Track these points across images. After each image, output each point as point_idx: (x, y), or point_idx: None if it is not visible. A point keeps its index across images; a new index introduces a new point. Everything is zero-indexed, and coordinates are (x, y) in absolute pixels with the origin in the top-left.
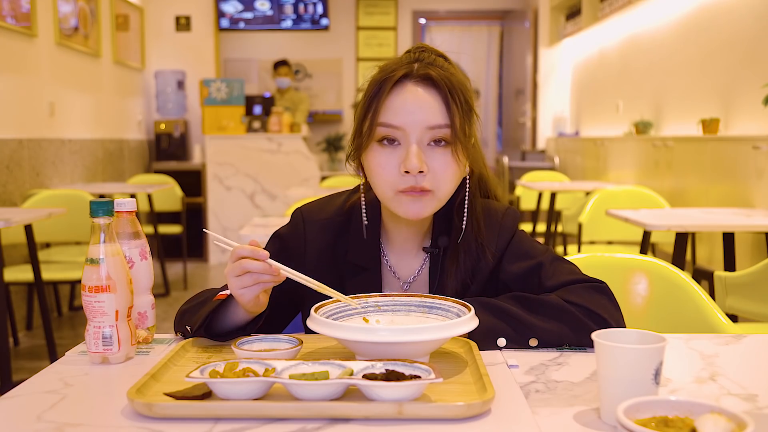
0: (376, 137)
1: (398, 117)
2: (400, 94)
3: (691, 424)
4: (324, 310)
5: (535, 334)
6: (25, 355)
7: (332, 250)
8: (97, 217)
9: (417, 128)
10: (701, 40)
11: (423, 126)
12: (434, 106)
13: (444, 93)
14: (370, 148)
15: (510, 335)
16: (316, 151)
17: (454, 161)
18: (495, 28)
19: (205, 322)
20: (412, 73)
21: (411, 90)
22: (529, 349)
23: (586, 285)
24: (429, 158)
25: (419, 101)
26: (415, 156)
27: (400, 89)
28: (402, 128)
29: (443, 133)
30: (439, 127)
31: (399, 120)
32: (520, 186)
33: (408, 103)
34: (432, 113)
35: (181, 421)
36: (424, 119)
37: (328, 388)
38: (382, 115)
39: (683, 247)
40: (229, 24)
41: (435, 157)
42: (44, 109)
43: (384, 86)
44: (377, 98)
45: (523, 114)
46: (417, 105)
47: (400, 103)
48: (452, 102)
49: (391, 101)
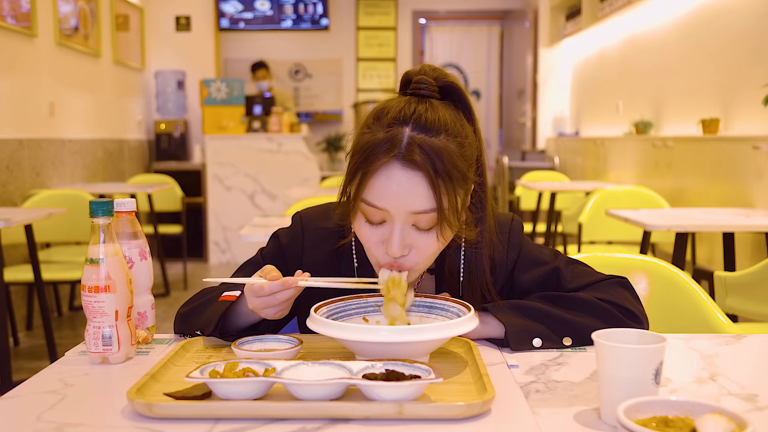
0: (361, 210)
1: (383, 200)
2: (384, 176)
3: (692, 424)
4: (324, 310)
5: (570, 331)
6: (25, 355)
7: (329, 260)
8: (97, 217)
9: (401, 213)
10: (701, 40)
11: (407, 211)
12: (419, 192)
13: (429, 175)
14: (357, 217)
15: (545, 334)
16: (316, 151)
17: (439, 241)
18: (495, 28)
19: (218, 325)
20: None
21: (395, 174)
22: (529, 349)
23: (608, 282)
24: (413, 239)
25: (403, 188)
26: (398, 242)
27: (386, 170)
28: (386, 210)
29: (429, 218)
30: (424, 212)
31: (383, 203)
32: (520, 186)
33: (392, 189)
34: (416, 199)
35: (181, 421)
36: (410, 204)
37: (328, 388)
38: (366, 193)
39: (683, 247)
40: (229, 24)
41: (418, 239)
42: (44, 109)
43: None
44: (363, 171)
45: (523, 114)
46: (402, 189)
47: (383, 187)
48: (439, 183)
49: (375, 182)
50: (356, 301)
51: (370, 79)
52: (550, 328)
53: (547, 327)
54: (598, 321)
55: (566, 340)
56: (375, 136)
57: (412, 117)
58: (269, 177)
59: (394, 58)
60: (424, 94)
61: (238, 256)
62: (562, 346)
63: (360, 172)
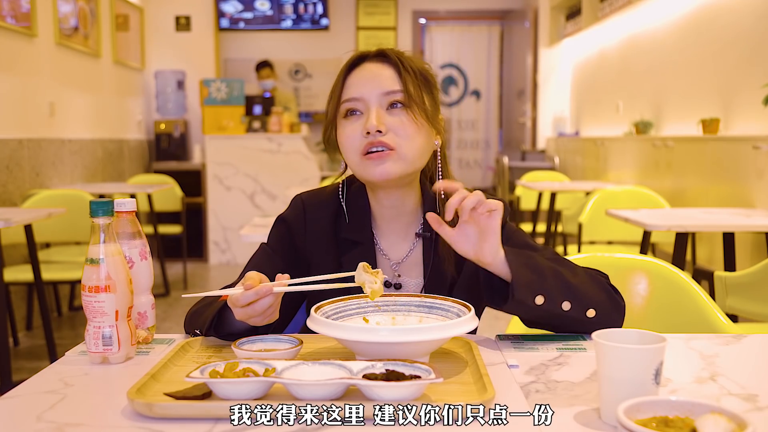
0: (342, 114)
1: (357, 90)
2: (357, 72)
3: (692, 424)
4: (324, 310)
5: (570, 294)
6: (25, 355)
7: (330, 227)
8: (97, 217)
9: (374, 96)
10: (701, 40)
11: (378, 93)
12: (388, 76)
13: (396, 64)
14: (339, 126)
15: (549, 293)
16: (315, 151)
17: (412, 121)
18: (495, 28)
19: (212, 324)
20: (369, 54)
21: (367, 67)
22: (529, 350)
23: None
24: (389, 120)
25: (374, 74)
26: (374, 116)
27: (359, 69)
28: (361, 98)
29: (398, 98)
30: (393, 92)
31: (357, 92)
32: (520, 186)
33: (364, 77)
34: (386, 81)
35: (181, 421)
36: (379, 87)
37: (328, 388)
38: (344, 93)
39: (683, 247)
40: (229, 24)
41: (393, 118)
42: (44, 109)
43: (345, 70)
44: (339, 82)
45: (523, 114)
46: (371, 76)
47: (357, 78)
48: (404, 71)
49: (350, 80)
50: (356, 301)
51: None
52: (554, 289)
53: (552, 287)
54: (595, 290)
55: (565, 304)
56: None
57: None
58: (269, 177)
59: None
60: None
61: (238, 256)
62: (561, 310)
63: (337, 86)
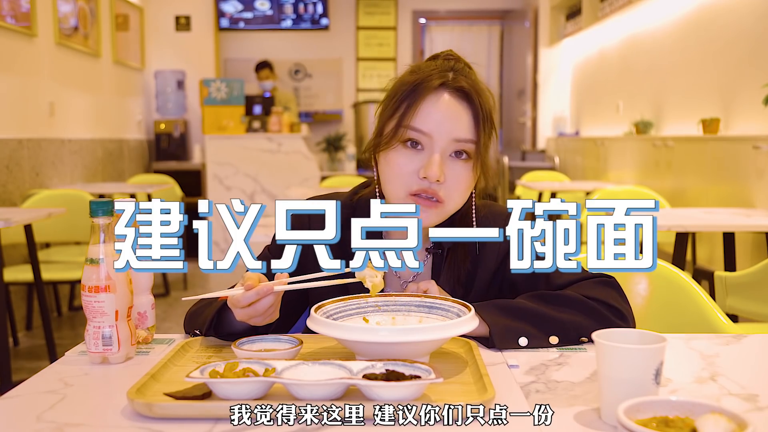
0: (402, 138)
1: (428, 124)
2: (433, 101)
3: (692, 424)
4: (324, 310)
5: (556, 328)
6: (25, 355)
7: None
8: (97, 217)
9: (444, 138)
10: (701, 40)
11: (450, 137)
12: (464, 120)
13: (476, 108)
14: (392, 148)
15: (531, 333)
16: (315, 151)
17: (471, 176)
18: (495, 28)
19: (212, 324)
20: (447, 82)
21: (444, 99)
22: (529, 349)
23: (596, 281)
24: (448, 169)
25: (450, 112)
26: (437, 165)
27: (434, 97)
28: (430, 135)
29: (468, 147)
30: (465, 141)
31: (428, 127)
32: (520, 186)
33: (440, 112)
34: (461, 126)
35: (181, 421)
36: (453, 131)
37: (328, 388)
38: (412, 119)
39: (683, 247)
40: (229, 24)
41: (454, 169)
42: (44, 109)
43: (418, 90)
44: (409, 101)
45: (523, 114)
46: (448, 115)
47: (432, 110)
48: (481, 118)
49: (423, 107)
50: (356, 301)
51: (370, 79)
52: (536, 327)
53: (533, 326)
54: (585, 319)
55: (553, 338)
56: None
57: (454, 67)
58: (269, 177)
59: (394, 58)
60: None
61: None
62: (549, 344)
63: (406, 103)
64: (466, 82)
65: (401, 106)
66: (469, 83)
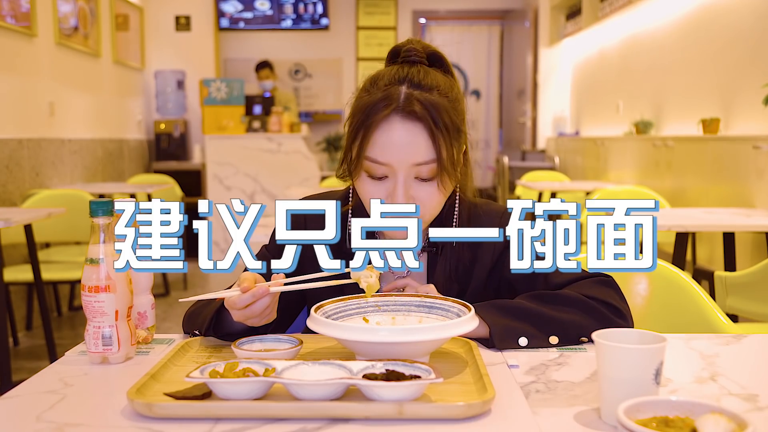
0: (364, 167)
1: (384, 155)
2: (385, 130)
3: (692, 424)
4: (324, 310)
5: (556, 328)
6: (25, 355)
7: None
8: (97, 217)
9: (403, 165)
10: (701, 40)
11: (409, 163)
12: (420, 143)
13: (428, 126)
14: (359, 175)
15: (531, 333)
16: (315, 151)
17: (440, 192)
18: (495, 28)
19: (211, 324)
20: (398, 107)
21: (396, 127)
22: (529, 349)
23: (594, 280)
24: (415, 190)
25: (405, 139)
26: (401, 193)
27: (386, 125)
28: (389, 165)
29: (429, 168)
30: (425, 163)
31: (385, 158)
32: (520, 186)
33: (393, 142)
34: (418, 150)
35: (181, 421)
36: (411, 156)
37: (328, 388)
38: (368, 149)
39: (683, 247)
40: (229, 24)
41: (421, 190)
42: (44, 109)
43: (370, 118)
44: (364, 130)
45: (523, 114)
46: (404, 143)
47: (386, 140)
48: (438, 134)
49: (377, 138)
50: (356, 301)
51: None
52: (536, 327)
53: (532, 326)
54: (585, 318)
55: (552, 338)
56: (373, 97)
57: (407, 77)
58: (269, 177)
59: None
60: (414, 60)
61: None
62: (549, 344)
63: (361, 131)
64: (417, 104)
65: (358, 135)
66: (421, 102)
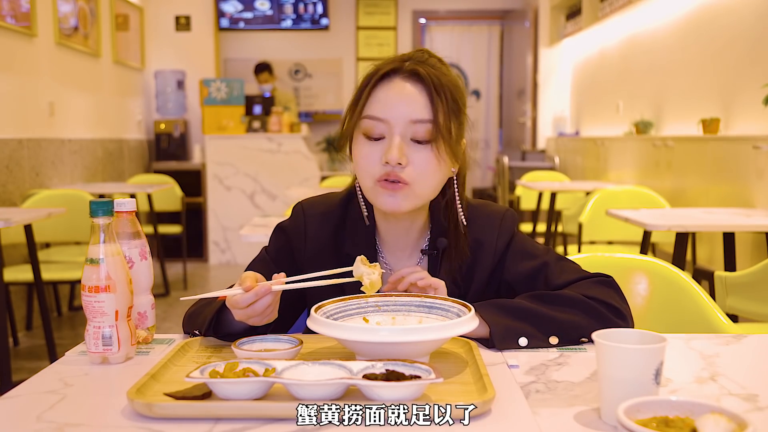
0: (362, 129)
1: (383, 110)
2: (386, 87)
3: (692, 424)
4: (324, 310)
5: (556, 328)
6: (25, 355)
7: (331, 241)
8: (97, 217)
9: (400, 121)
10: (701, 40)
11: (406, 119)
12: (419, 101)
13: (429, 89)
14: (356, 140)
15: (531, 333)
16: (315, 151)
17: (435, 158)
18: (495, 28)
19: (211, 324)
20: (401, 69)
21: (397, 84)
22: (529, 349)
23: (594, 280)
24: (411, 153)
25: (404, 95)
26: (396, 148)
27: (388, 83)
28: (386, 121)
29: (426, 128)
30: (422, 121)
31: (383, 113)
32: (520, 186)
33: (392, 97)
34: (416, 107)
35: (181, 421)
36: (408, 113)
37: (328, 388)
38: (367, 107)
39: (683, 247)
40: (229, 24)
41: (417, 152)
42: (44, 109)
43: (372, 79)
44: (365, 91)
45: (523, 114)
46: (401, 99)
47: (385, 96)
48: (437, 98)
49: (376, 94)
50: (356, 301)
51: None
52: (536, 327)
53: (532, 326)
54: (585, 318)
55: (552, 339)
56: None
57: (414, 56)
58: (269, 177)
59: None
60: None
61: (238, 256)
62: (549, 344)
63: (364, 92)
64: (422, 67)
65: (359, 97)
66: (426, 69)
